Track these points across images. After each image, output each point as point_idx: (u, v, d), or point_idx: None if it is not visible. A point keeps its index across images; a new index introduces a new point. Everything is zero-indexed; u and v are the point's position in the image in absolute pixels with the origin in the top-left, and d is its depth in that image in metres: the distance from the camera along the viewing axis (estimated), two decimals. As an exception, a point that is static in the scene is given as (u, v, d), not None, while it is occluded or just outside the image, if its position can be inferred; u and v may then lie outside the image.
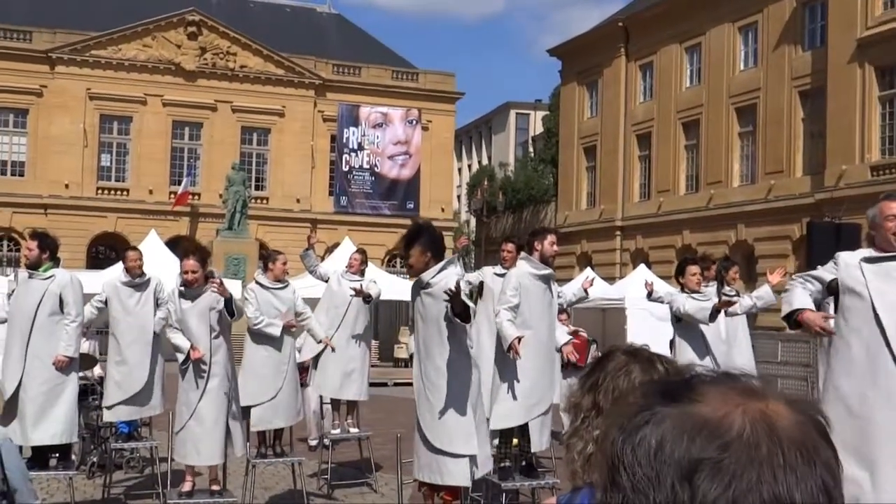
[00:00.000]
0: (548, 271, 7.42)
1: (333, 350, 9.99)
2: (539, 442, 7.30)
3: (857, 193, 28.29)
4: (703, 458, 0.90)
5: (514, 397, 7.27)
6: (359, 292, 9.84)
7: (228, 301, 7.80)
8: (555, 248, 7.54)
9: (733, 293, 9.33)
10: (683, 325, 8.84)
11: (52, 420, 8.29)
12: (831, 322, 5.01)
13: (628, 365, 2.00)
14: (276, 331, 9.01)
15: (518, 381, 7.29)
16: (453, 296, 5.98)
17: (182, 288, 8.08)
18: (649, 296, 9.50)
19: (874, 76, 31.02)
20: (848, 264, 5.06)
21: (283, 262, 9.42)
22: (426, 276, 6.39)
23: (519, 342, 7.04)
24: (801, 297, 5.14)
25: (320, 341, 9.82)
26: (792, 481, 0.89)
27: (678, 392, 0.99)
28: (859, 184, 29.95)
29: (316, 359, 10.68)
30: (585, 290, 9.24)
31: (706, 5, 38.55)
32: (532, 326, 7.31)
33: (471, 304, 6.16)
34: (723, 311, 8.74)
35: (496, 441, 7.77)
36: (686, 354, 8.76)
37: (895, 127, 30.61)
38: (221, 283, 7.73)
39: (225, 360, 8.15)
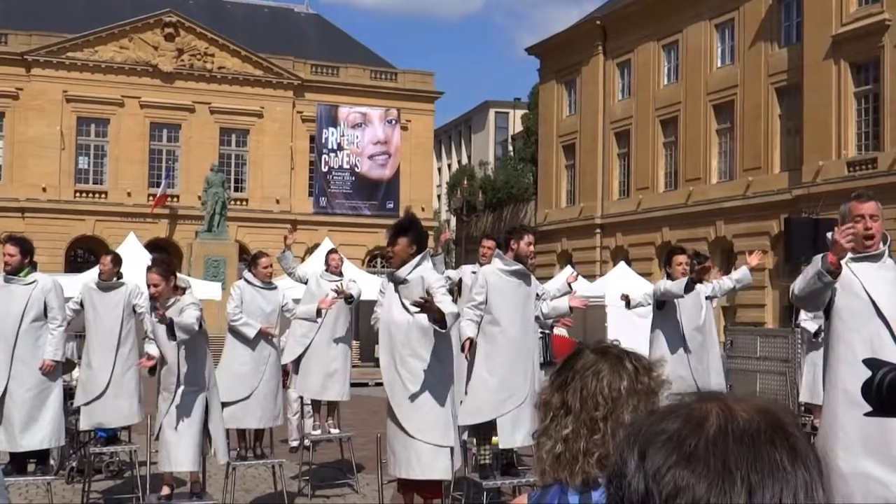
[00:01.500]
0: (519, 267, 7.42)
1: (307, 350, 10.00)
2: (511, 439, 7.30)
3: (833, 189, 28.44)
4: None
5: (484, 393, 7.28)
6: (340, 292, 9.84)
7: (170, 325, 7.63)
8: (531, 248, 7.57)
9: (708, 289, 9.43)
10: (662, 314, 8.99)
11: (40, 425, 8.29)
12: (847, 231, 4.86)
13: (597, 364, 2.00)
14: (250, 331, 8.97)
15: (488, 377, 7.31)
16: (425, 306, 6.05)
17: (153, 301, 8.03)
18: (628, 305, 9.61)
19: (849, 72, 31.23)
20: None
21: (265, 266, 9.38)
22: (403, 271, 6.50)
23: (470, 344, 7.26)
24: (813, 262, 5.06)
25: (317, 318, 9.64)
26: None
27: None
28: (836, 179, 30.14)
29: (297, 361, 10.65)
30: (569, 285, 9.23)
31: (683, 3, 38.71)
32: (501, 323, 7.35)
33: (448, 310, 6.26)
34: (707, 300, 8.99)
35: (465, 436, 7.83)
36: (660, 346, 8.89)
37: (871, 123, 30.82)
38: (163, 314, 7.56)
39: (198, 367, 8.08)
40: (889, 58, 29.57)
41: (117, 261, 9.68)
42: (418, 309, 6.14)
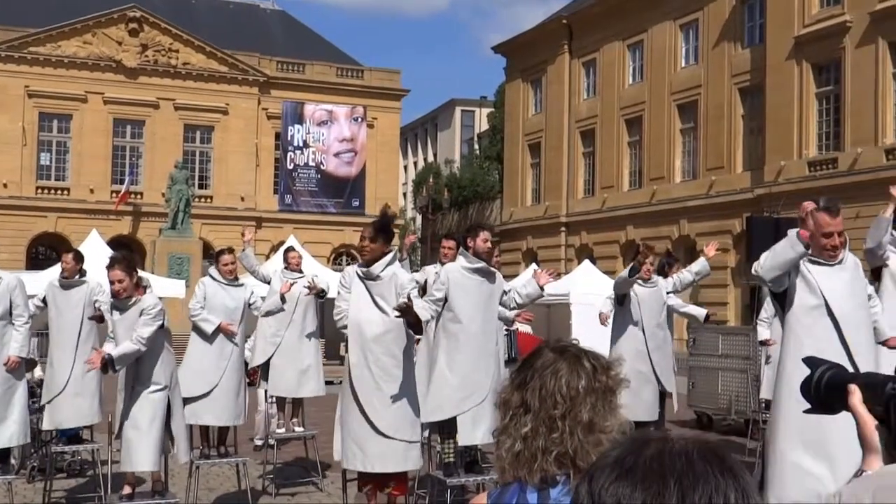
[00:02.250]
0: (481, 265, 7.44)
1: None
2: (471, 436, 7.32)
3: (795, 189, 28.78)
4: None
5: (445, 391, 7.31)
6: (312, 288, 9.89)
7: (109, 361, 7.57)
8: (488, 244, 7.57)
9: (669, 284, 9.57)
10: (623, 310, 9.18)
11: (8, 423, 8.24)
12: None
13: (556, 363, 2.02)
14: (209, 327, 8.93)
15: (449, 375, 7.34)
16: (406, 310, 6.13)
17: (114, 299, 7.95)
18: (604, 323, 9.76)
19: (811, 73, 31.59)
20: (798, 267, 5.16)
21: (225, 263, 9.32)
22: (376, 268, 6.54)
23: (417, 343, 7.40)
24: (784, 245, 5.16)
25: (283, 302, 9.58)
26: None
27: None
28: (797, 179, 30.50)
29: (268, 361, 10.62)
30: (540, 283, 8.87)
31: (648, 3, 38.97)
32: (462, 321, 7.37)
33: (424, 315, 6.36)
34: (668, 298, 9.15)
35: (426, 433, 7.87)
36: (621, 342, 9.07)
37: (832, 123, 31.20)
38: (100, 315, 7.54)
39: (159, 365, 8.04)
40: (850, 59, 29.95)
41: (79, 258, 9.59)
42: (398, 313, 6.21)
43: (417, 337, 7.40)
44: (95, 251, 19.78)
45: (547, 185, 45.79)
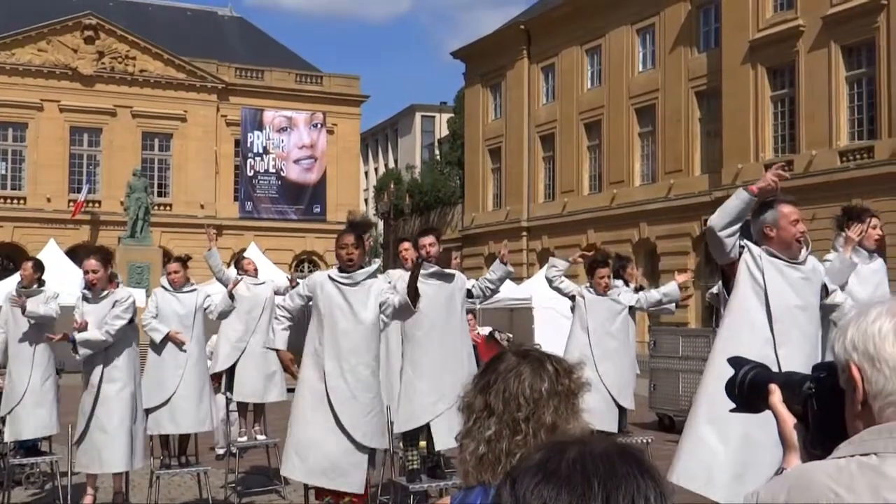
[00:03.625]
0: (435, 269, 7.45)
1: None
2: (447, 440, 7.32)
3: (752, 191, 29.08)
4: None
5: (416, 398, 7.31)
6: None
7: (73, 340, 7.56)
8: (434, 248, 7.60)
9: (633, 299, 9.52)
10: (574, 315, 9.17)
11: None
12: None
13: (519, 366, 2.04)
14: (157, 336, 8.85)
15: (417, 383, 7.34)
16: (415, 276, 6.36)
17: (85, 290, 7.93)
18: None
19: (766, 77, 31.99)
20: (752, 252, 5.28)
21: (170, 272, 9.24)
22: (359, 274, 6.49)
23: None
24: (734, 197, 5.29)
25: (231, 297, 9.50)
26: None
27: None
28: (754, 181, 30.72)
29: (232, 367, 10.57)
30: (503, 262, 8.53)
31: (605, 8, 39.24)
32: (424, 327, 7.39)
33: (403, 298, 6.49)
34: (627, 307, 9.08)
35: (399, 443, 7.83)
36: (570, 347, 9.03)
37: (787, 126, 31.60)
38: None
39: (127, 365, 8.00)
40: (804, 63, 30.37)
41: (39, 267, 9.47)
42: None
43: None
44: (53, 261, 19.60)
45: (508, 189, 45.95)
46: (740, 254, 5.25)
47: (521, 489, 1.18)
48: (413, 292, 6.49)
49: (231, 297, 9.28)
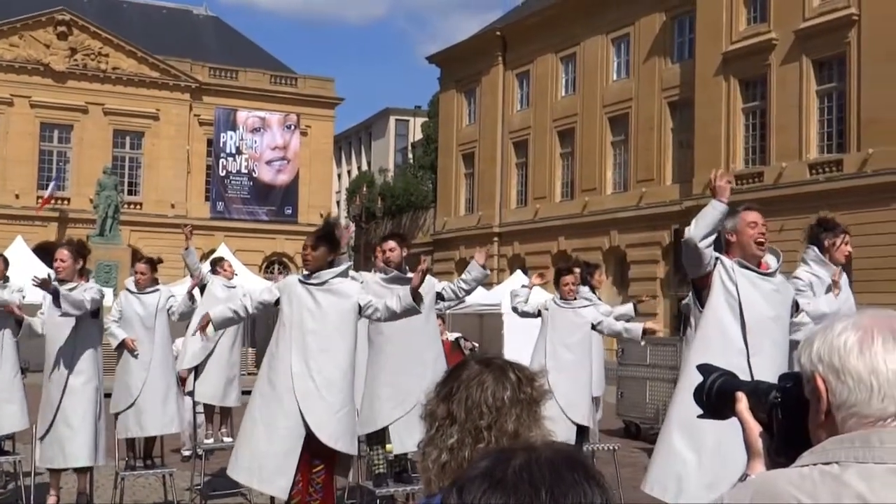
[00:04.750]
0: (393, 274, 7.47)
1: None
2: (403, 444, 7.33)
3: (722, 201, 29.31)
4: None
5: (376, 402, 7.31)
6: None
7: (55, 293, 7.56)
8: (393, 253, 7.62)
9: (597, 316, 9.45)
10: (541, 325, 9.16)
11: None
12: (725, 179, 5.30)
13: (481, 374, 2.04)
14: (113, 341, 8.79)
15: (378, 387, 7.34)
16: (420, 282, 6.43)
17: (56, 282, 7.88)
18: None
19: (738, 88, 32.26)
20: (724, 264, 5.37)
21: (138, 271, 9.16)
22: (325, 274, 6.46)
23: None
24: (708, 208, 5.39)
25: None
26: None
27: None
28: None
29: (197, 367, 10.50)
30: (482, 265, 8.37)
31: (581, 17, 39.43)
32: (384, 332, 7.41)
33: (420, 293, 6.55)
34: (589, 323, 8.94)
35: (363, 446, 7.81)
36: (532, 356, 8.98)
37: (758, 137, 31.88)
38: (45, 281, 7.47)
39: (92, 358, 7.96)
40: (775, 75, 30.65)
41: (4, 262, 9.37)
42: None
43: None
44: (20, 258, 19.37)
45: (480, 195, 46.02)
46: (714, 266, 5.32)
47: (468, 498, 1.17)
48: (416, 293, 6.51)
49: (191, 298, 9.17)
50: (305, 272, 6.62)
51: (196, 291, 9.49)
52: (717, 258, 5.35)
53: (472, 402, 2.00)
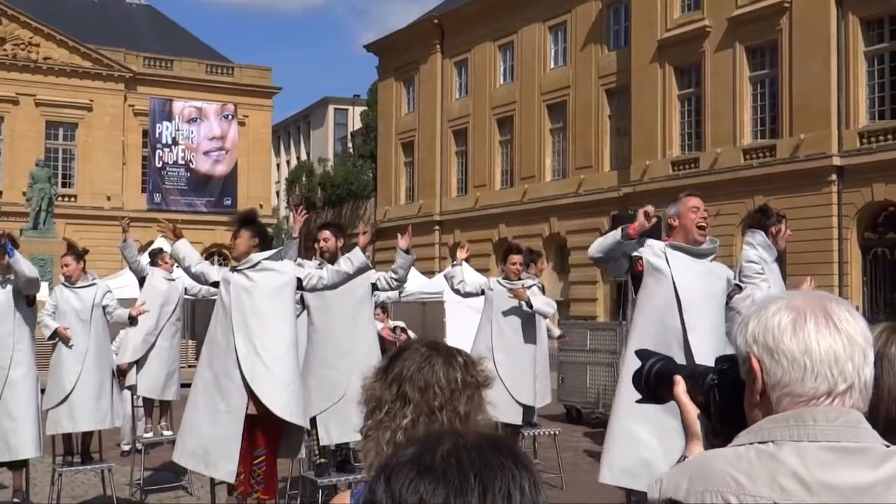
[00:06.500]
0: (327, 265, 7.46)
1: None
2: (328, 436, 7.32)
3: (659, 187, 29.71)
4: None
5: (305, 392, 7.29)
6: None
7: (9, 240, 7.49)
8: (328, 243, 7.62)
9: (534, 283, 9.53)
10: (486, 304, 9.14)
11: None
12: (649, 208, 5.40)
13: (432, 357, 2.07)
14: (46, 332, 8.65)
15: (307, 378, 7.34)
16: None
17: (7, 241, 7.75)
18: (529, 306, 9.24)
19: (673, 75, 32.63)
20: (653, 248, 5.50)
21: (63, 264, 9.00)
22: (256, 257, 6.45)
23: None
24: (612, 233, 5.53)
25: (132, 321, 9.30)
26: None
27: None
28: (661, 178, 31.47)
29: (139, 360, 10.37)
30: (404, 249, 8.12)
31: (518, 5, 39.53)
32: (314, 322, 7.45)
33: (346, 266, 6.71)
34: (523, 303, 8.88)
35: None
36: (477, 338, 9.06)
37: (693, 124, 32.29)
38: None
39: (30, 349, 7.84)
40: (709, 62, 31.05)
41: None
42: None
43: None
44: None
45: (420, 183, 46.00)
46: (633, 263, 5.47)
47: (396, 484, 1.17)
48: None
49: (131, 320, 9.09)
50: (234, 263, 6.63)
51: (152, 282, 9.47)
52: (638, 256, 5.49)
53: (424, 383, 2.02)
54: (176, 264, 11.03)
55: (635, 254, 5.45)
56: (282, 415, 6.28)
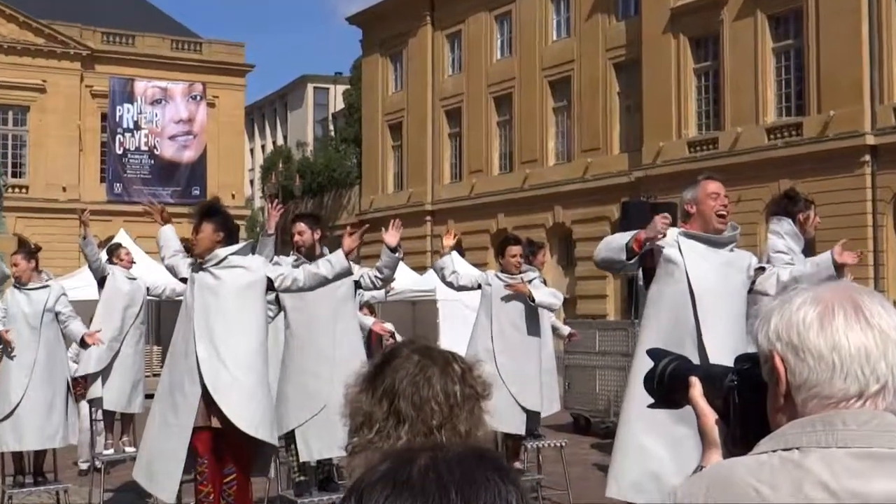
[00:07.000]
0: (303, 261, 7.42)
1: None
2: (308, 451, 7.29)
3: (674, 171, 29.67)
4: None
5: (282, 405, 7.28)
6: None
7: None
8: (303, 237, 7.59)
9: (535, 275, 9.49)
10: (482, 303, 9.10)
11: None
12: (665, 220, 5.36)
13: (425, 368, 2.00)
14: None
15: (284, 387, 7.31)
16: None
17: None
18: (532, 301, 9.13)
19: (689, 47, 32.60)
20: (666, 236, 5.42)
21: (13, 264, 8.95)
22: (222, 252, 6.41)
23: None
24: (621, 235, 5.55)
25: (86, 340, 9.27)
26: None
27: None
28: (677, 161, 31.41)
29: (102, 371, 10.34)
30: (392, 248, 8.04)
31: (516, -30, 39.47)
32: (291, 325, 7.45)
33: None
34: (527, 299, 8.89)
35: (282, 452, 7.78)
36: (474, 338, 9.02)
37: (711, 101, 32.27)
38: None
39: None
40: (728, 32, 31.02)
41: None
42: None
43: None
44: None
45: (410, 169, 45.97)
46: (644, 256, 5.44)
47: (370, 503, 1.16)
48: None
49: (83, 344, 9.06)
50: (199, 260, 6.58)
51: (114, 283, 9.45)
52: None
53: (420, 399, 1.97)
54: (135, 263, 11.06)
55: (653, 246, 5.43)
56: (246, 429, 6.24)
